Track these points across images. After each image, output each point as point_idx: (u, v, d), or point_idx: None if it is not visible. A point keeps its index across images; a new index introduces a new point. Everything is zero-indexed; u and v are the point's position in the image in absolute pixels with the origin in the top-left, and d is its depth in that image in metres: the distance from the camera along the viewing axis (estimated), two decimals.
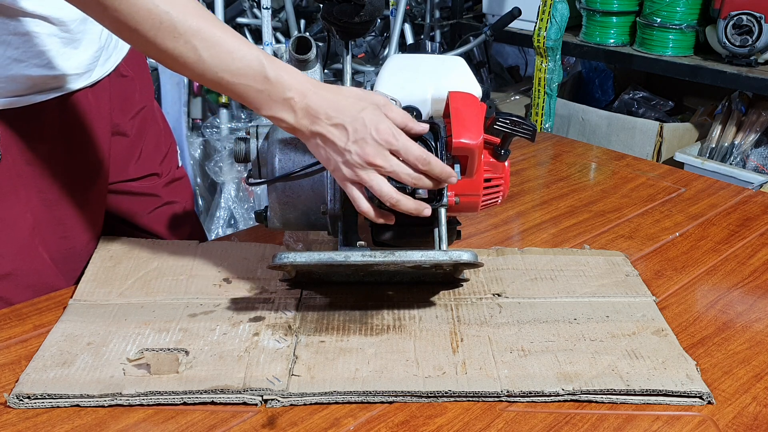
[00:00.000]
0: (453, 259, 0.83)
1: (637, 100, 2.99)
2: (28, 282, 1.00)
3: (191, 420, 0.76)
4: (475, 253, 0.83)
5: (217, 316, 0.92)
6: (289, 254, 0.82)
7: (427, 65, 0.95)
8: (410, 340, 0.87)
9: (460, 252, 0.82)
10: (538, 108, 2.71)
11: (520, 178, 1.39)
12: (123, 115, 1.12)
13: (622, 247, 1.12)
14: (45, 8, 0.90)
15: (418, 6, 3.38)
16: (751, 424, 0.77)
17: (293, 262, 0.82)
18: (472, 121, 0.86)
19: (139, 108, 1.15)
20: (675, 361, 0.84)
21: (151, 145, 1.18)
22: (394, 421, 0.76)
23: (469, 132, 0.85)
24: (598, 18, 2.76)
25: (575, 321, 0.91)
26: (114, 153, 1.12)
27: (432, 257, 0.83)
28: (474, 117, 0.86)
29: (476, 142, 0.85)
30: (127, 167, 1.15)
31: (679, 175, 1.42)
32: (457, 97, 0.89)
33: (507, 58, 3.78)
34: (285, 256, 0.82)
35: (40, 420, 0.75)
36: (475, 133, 0.85)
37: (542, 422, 0.76)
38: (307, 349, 0.85)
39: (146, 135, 1.17)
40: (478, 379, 0.80)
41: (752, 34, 2.36)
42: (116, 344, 0.85)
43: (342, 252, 0.84)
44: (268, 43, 2.51)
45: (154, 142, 1.19)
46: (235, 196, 2.52)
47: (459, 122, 0.86)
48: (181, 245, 1.09)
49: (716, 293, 1.01)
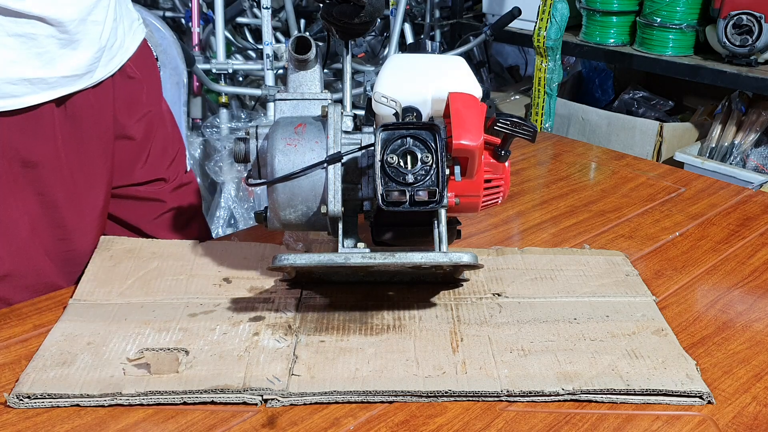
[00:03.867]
0: (453, 261, 0.82)
1: (637, 99, 2.99)
2: (27, 283, 1.00)
3: (191, 420, 0.76)
4: (475, 255, 0.83)
5: (217, 315, 0.92)
6: (289, 256, 0.82)
7: (427, 65, 0.95)
8: (410, 340, 0.87)
9: (461, 254, 0.82)
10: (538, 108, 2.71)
11: (520, 178, 1.39)
12: (129, 118, 1.11)
13: (622, 247, 1.12)
14: (42, 8, 0.90)
15: (418, 6, 3.38)
16: (751, 424, 0.77)
17: (293, 263, 0.82)
18: (473, 122, 0.86)
19: (146, 110, 1.14)
20: (675, 360, 0.84)
21: (158, 148, 1.17)
22: (394, 420, 0.76)
23: (470, 133, 0.85)
24: (598, 18, 2.76)
25: (575, 321, 0.91)
26: (119, 156, 1.11)
27: (432, 259, 0.83)
28: (474, 118, 0.86)
29: (476, 144, 0.85)
30: (133, 171, 1.14)
31: (679, 174, 1.42)
32: (457, 98, 0.88)
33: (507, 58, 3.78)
34: (285, 258, 0.82)
35: (40, 420, 0.75)
36: (475, 135, 0.85)
37: (542, 422, 0.76)
38: (307, 349, 0.85)
39: (153, 138, 1.16)
40: (478, 379, 0.80)
41: (752, 33, 2.36)
42: (116, 344, 0.85)
43: (342, 253, 0.84)
44: (268, 43, 2.51)
45: (162, 146, 1.18)
46: (235, 195, 2.52)
47: (459, 124, 0.85)
48: (181, 245, 1.09)
49: (716, 293, 1.01)
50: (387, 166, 0.84)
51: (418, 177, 0.84)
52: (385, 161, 0.84)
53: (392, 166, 0.84)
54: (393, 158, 0.84)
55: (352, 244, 0.91)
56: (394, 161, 0.84)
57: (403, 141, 0.84)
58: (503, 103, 3.19)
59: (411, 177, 0.84)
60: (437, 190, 0.84)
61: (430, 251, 0.85)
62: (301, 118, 0.92)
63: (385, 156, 0.84)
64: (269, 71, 2.54)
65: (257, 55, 3.05)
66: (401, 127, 0.85)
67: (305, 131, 0.89)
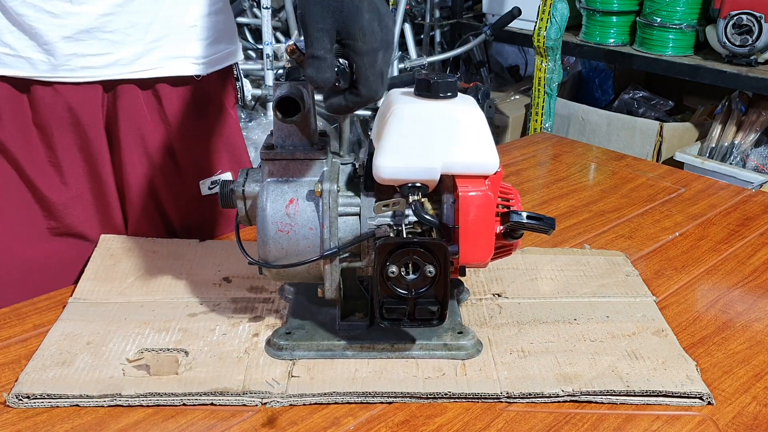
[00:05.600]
0: (452, 357, 0.84)
1: (637, 99, 2.99)
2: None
3: (191, 419, 0.76)
4: (475, 342, 0.85)
5: (217, 315, 0.92)
6: (284, 353, 0.84)
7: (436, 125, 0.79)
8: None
9: (458, 347, 0.84)
10: (538, 108, 2.71)
11: (520, 178, 1.39)
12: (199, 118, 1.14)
13: (622, 247, 1.12)
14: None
15: (418, 6, 3.38)
16: (751, 424, 0.77)
17: (290, 357, 0.84)
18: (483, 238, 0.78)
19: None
20: (675, 361, 0.84)
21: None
22: (394, 420, 0.76)
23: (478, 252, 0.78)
24: (598, 18, 2.76)
25: (575, 321, 0.91)
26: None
27: (431, 355, 0.84)
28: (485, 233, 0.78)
29: (485, 262, 0.80)
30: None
31: (679, 175, 1.42)
32: (468, 204, 0.77)
33: (507, 58, 3.78)
34: (282, 355, 0.84)
35: (40, 420, 0.75)
36: (484, 253, 0.78)
37: (542, 422, 0.76)
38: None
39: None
40: (478, 381, 0.80)
41: (752, 33, 2.36)
42: (116, 343, 0.85)
43: (337, 350, 0.85)
44: (268, 43, 2.51)
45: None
46: None
47: (467, 239, 0.77)
48: (181, 244, 1.09)
49: (716, 293, 1.01)
50: (386, 280, 0.77)
51: (419, 294, 0.78)
52: (385, 276, 0.77)
53: (392, 279, 0.77)
54: (394, 271, 0.76)
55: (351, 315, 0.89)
56: (394, 274, 0.77)
57: (406, 254, 0.77)
58: (503, 103, 3.19)
59: (413, 291, 0.77)
60: (440, 308, 0.78)
61: (432, 341, 0.85)
62: (293, 190, 0.82)
63: (385, 269, 0.76)
64: (269, 71, 2.54)
65: (257, 55, 3.05)
66: (405, 244, 0.77)
67: (297, 213, 0.81)
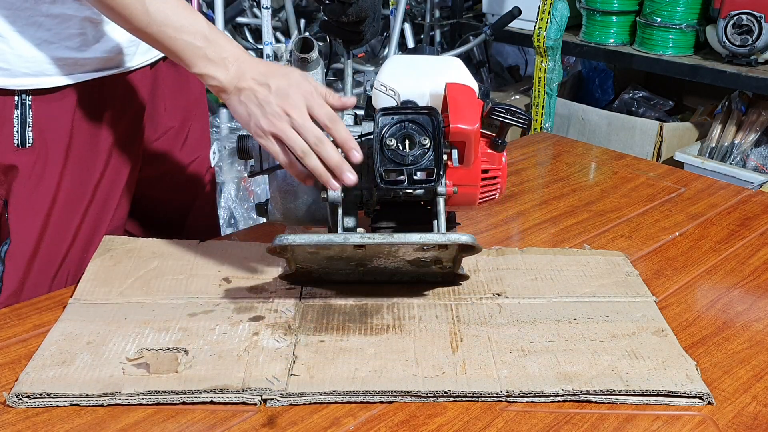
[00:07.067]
0: (451, 240, 0.84)
1: (637, 99, 2.99)
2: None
3: (191, 419, 0.76)
4: (473, 236, 0.84)
5: (216, 315, 0.92)
6: (289, 236, 0.83)
7: (426, 64, 0.98)
8: (410, 340, 0.87)
9: (459, 234, 0.84)
10: (538, 108, 2.71)
11: (520, 178, 1.39)
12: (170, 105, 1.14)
13: (622, 247, 1.12)
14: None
15: (418, 6, 3.38)
16: (751, 424, 0.77)
17: (293, 243, 0.83)
18: (469, 108, 0.89)
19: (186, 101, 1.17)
20: (675, 361, 0.84)
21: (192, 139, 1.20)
22: (394, 420, 0.76)
23: (466, 118, 0.88)
24: (598, 17, 2.76)
25: (575, 321, 0.91)
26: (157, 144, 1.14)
27: (430, 239, 0.84)
28: (471, 105, 0.89)
29: (473, 128, 0.88)
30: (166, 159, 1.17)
31: (679, 174, 1.42)
32: (454, 88, 0.91)
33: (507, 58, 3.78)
34: (284, 238, 0.83)
35: (40, 419, 0.75)
36: (472, 119, 0.88)
37: (542, 422, 0.76)
38: (306, 349, 0.85)
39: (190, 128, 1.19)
40: (478, 380, 0.80)
41: (752, 33, 2.36)
42: (116, 343, 0.85)
43: (341, 234, 0.86)
44: (268, 43, 2.51)
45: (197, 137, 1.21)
46: (235, 195, 2.52)
47: (456, 109, 0.88)
48: (181, 244, 1.09)
49: (716, 293, 1.01)
50: (386, 148, 0.86)
51: (416, 159, 0.86)
52: (384, 144, 0.86)
53: (391, 149, 0.86)
54: (392, 141, 0.86)
55: (352, 229, 0.93)
56: (392, 144, 0.86)
57: (402, 125, 0.87)
58: None
59: (409, 159, 0.86)
60: (435, 170, 0.86)
61: (429, 233, 0.86)
62: None
63: (383, 139, 0.86)
64: None
65: (257, 55, 3.05)
66: (400, 111, 0.87)
67: None
